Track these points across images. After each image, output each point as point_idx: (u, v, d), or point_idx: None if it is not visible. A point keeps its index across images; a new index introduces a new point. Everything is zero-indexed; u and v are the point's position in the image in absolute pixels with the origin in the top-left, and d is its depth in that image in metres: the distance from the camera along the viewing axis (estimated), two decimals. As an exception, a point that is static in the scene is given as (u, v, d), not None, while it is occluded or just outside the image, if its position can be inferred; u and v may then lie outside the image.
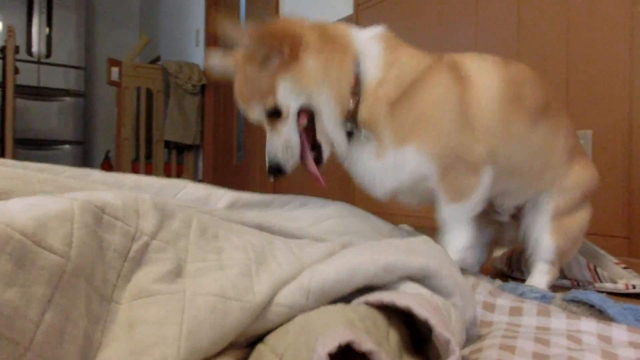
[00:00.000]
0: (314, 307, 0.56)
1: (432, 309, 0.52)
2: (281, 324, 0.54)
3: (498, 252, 1.49)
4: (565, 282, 1.26)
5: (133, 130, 4.78)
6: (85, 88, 6.03)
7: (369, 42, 1.02)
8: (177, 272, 0.54)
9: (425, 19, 2.60)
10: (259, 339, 0.54)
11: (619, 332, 0.66)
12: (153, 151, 4.86)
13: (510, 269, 1.39)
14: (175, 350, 0.46)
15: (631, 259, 1.71)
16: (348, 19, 3.19)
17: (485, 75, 1.07)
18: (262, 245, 0.65)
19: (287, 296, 0.56)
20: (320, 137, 1.02)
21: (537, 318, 0.69)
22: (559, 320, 0.68)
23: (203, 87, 4.98)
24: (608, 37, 1.81)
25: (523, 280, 1.31)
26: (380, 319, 0.53)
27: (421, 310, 0.50)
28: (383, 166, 1.01)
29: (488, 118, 1.04)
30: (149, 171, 4.83)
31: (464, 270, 1.05)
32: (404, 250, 0.66)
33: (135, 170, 4.77)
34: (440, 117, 1.01)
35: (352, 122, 1.00)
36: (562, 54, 1.96)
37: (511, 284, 0.99)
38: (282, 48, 0.95)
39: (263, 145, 4.13)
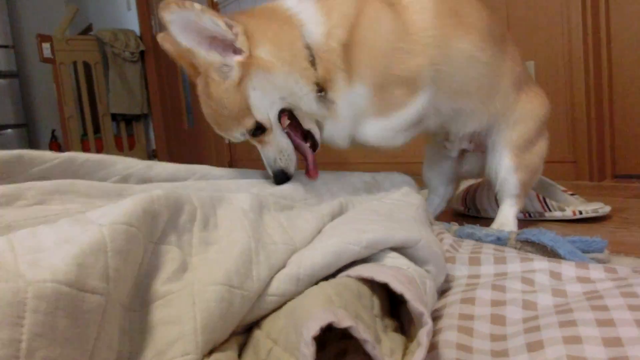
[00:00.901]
0: (303, 290, 0.60)
1: (407, 283, 0.56)
2: (274, 310, 0.59)
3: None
4: (518, 215, 1.33)
5: (76, 106, 4.59)
6: (18, 68, 5.71)
7: (300, 6, 0.98)
8: (183, 268, 0.57)
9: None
10: (254, 323, 0.59)
11: (567, 268, 0.71)
12: (101, 126, 4.70)
13: (466, 208, 1.45)
14: (193, 346, 0.50)
15: (578, 182, 1.82)
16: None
17: None
18: (257, 220, 0.68)
19: (279, 286, 0.59)
20: (307, 125, 0.99)
21: (494, 266, 0.74)
22: (514, 265, 0.73)
23: (142, 53, 4.79)
24: (542, -31, 1.83)
25: (478, 218, 1.38)
26: (364, 288, 0.58)
27: (398, 285, 0.54)
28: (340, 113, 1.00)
29: (426, 33, 1.02)
30: (99, 147, 4.69)
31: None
32: (384, 221, 0.70)
33: (85, 147, 4.62)
34: (375, 44, 0.99)
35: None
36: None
37: (467, 229, 1.03)
38: (235, 44, 0.88)
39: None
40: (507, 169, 1.16)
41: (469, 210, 1.45)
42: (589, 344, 0.49)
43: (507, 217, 1.18)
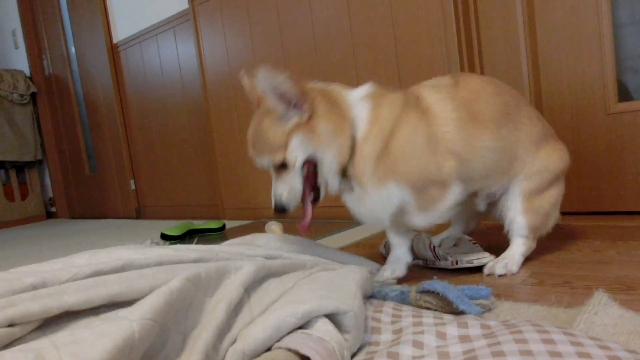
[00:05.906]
0: None
1: (327, 357, 0.67)
2: None
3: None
4: (418, 262, 1.44)
5: (-42, 154, 4.25)
6: None
7: (359, 104, 1.20)
8: (177, 348, 0.68)
9: (263, 12, 2.65)
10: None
11: (451, 329, 0.81)
12: (-13, 174, 4.38)
13: (387, 252, 1.54)
14: None
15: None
16: (184, 14, 3.13)
17: (442, 106, 1.25)
18: (239, 298, 0.82)
19: None
20: (319, 182, 1.20)
21: (392, 335, 0.83)
22: (407, 330, 0.82)
23: (33, 95, 4.55)
24: (426, 29, 2.02)
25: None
26: (293, 356, 0.68)
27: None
28: (367, 207, 1.21)
29: (452, 143, 1.21)
30: (-13, 197, 4.36)
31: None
32: (322, 289, 0.84)
33: (-31, 197, 4.27)
34: (411, 153, 1.18)
35: (345, 173, 1.19)
36: (391, 47, 2.15)
37: (377, 287, 1.13)
38: (303, 109, 1.12)
39: (117, 151, 3.97)
40: (515, 210, 1.33)
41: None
42: (465, 410, 0.58)
43: (513, 253, 1.33)
